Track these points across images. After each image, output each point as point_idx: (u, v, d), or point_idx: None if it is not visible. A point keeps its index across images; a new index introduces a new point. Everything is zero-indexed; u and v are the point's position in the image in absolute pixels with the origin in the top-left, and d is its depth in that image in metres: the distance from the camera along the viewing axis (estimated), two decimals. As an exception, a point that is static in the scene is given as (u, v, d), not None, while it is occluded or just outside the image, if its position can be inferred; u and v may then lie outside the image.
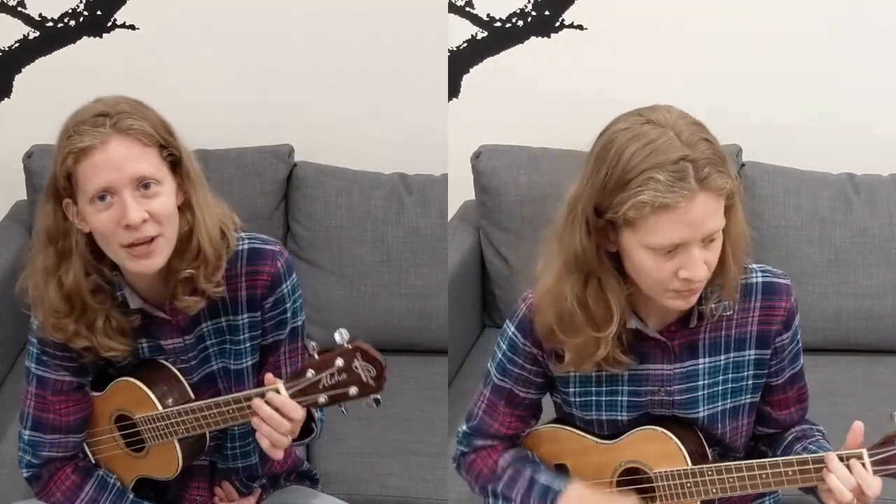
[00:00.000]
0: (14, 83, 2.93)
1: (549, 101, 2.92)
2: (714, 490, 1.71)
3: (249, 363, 1.88)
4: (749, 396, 1.77)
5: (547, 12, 2.90)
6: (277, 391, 1.66)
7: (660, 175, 1.52)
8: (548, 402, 1.92)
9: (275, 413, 1.65)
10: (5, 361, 2.65)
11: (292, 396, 1.64)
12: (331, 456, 2.36)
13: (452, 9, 2.91)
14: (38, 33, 2.89)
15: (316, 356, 1.65)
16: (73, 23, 2.88)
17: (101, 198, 1.67)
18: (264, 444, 1.68)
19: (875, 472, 1.58)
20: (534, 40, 2.93)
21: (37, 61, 2.92)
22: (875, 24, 2.82)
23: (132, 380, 1.84)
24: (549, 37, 2.92)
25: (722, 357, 1.74)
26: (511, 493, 1.81)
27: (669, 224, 1.53)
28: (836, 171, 2.80)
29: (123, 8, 2.87)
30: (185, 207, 1.75)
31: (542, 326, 1.72)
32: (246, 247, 1.82)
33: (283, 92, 2.92)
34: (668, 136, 1.54)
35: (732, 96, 2.87)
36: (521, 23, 2.93)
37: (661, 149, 1.53)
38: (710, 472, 1.71)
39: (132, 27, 2.88)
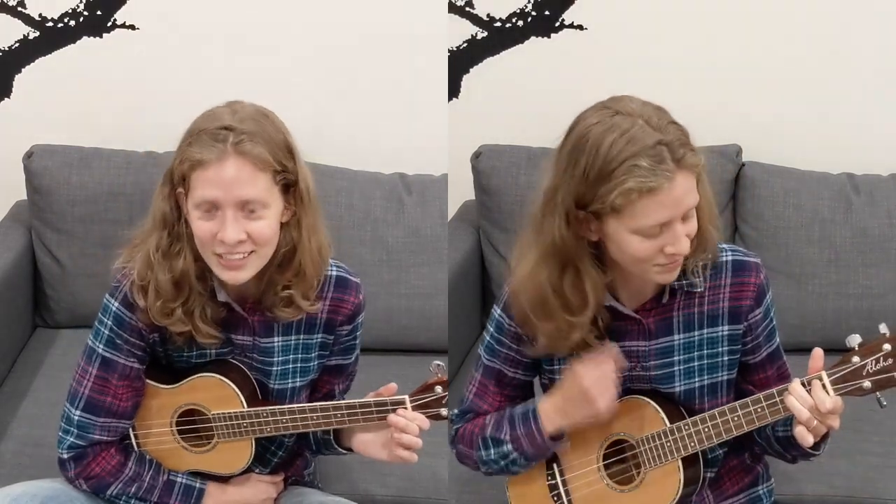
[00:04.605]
0: (14, 83, 2.93)
1: (549, 101, 2.90)
2: (692, 444, 1.78)
3: (312, 378, 1.98)
4: (726, 373, 1.83)
5: (547, 12, 2.90)
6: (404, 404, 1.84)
7: (641, 161, 1.60)
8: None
9: (411, 423, 1.82)
10: (5, 361, 2.65)
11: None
12: (331, 456, 2.36)
13: (452, 9, 2.91)
14: (38, 33, 2.89)
15: (440, 376, 1.84)
16: (73, 23, 2.88)
17: (206, 208, 1.73)
18: (404, 454, 1.83)
19: (837, 392, 1.65)
20: (534, 40, 2.93)
21: (37, 61, 2.92)
22: (875, 23, 2.81)
23: (219, 377, 1.89)
24: (549, 37, 2.92)
25: (696, 333, 1.80)
26: (500, 435, 1.87)
27: (656, 206, 1.62)
28: (836, 171, 2.80)
29: (123, 8, 2.87)
30: (292, 225, 1.81)
31: (518, 312, 1.81)
32: (335, 273, 1.93)
33: (283, 92, 2.91)
34: (639, 123, 1.62)
35: (732, 96, 2.87)
36: (521, 23, 2.93)
37: (637, 137, 1.61)
38: (686, 427, 1.78)
39: (132, 27, 2.88)
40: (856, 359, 1.65)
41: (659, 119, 1.63)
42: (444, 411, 1.84)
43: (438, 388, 1.84)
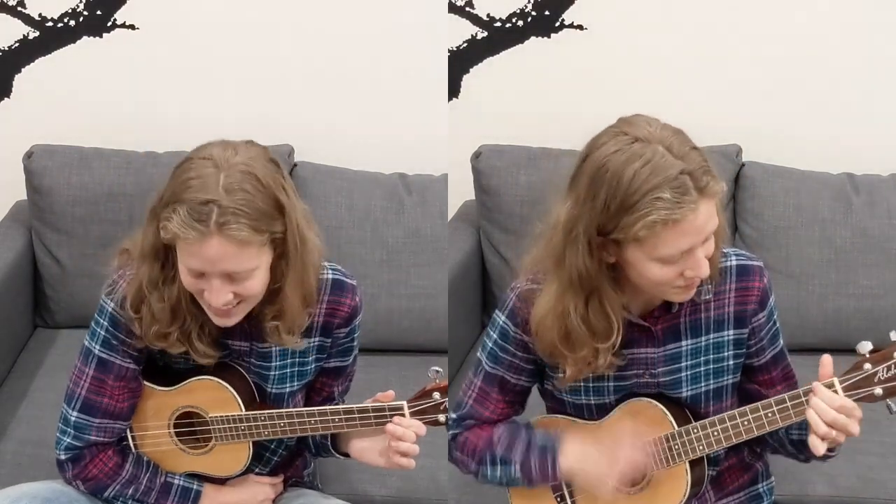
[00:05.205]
0: (14, 83, 2.93)
1: (549, 101, 2.92)
2: (700, 447, 1.78)
3: (309, 381, 1.97)
4: (731, 377, 1.84)
5: (547, 12, 2.90)
6: (402, 410, 1.83)
7: (665, 193, 1.58)
8: (535, 399, 1.96)
9: (408, 430, 1.81)
10: (5, 361, 2.65)
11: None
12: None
13: (452, 9, 2.91)
14: (38, 33, 2.89)
15: (438, 382, 1.82)
16: (73, 23, 2.88)
17: (192, 274, 1.72)
18: (401, 461, 1.82)
19: (849, 399, 1.66)
20: (534, 40, 2.93)
21: (37, 61, 2.92)
22: (875, 23, 2.81)
23: (217, 380, 1.89)
24: (549, 37, 2.92)
25: (702, 339, 1.81)
26: (511, 456, 1.87)
27: (679, 236, 1.61)
28: (836, 171, 2.80)
29: (123, 8, 2.87)
30: (280, 265, 1.77)
31: (544, 345, 1.78)
32: (330, 277, 1.91)
33: (283, 92, 2.92)
34: (660, 151, 1.59)
35: (732, 96, 2.87)
36: (521, 23, 2.92)
37: (659, 166, 1.59)
38: (695, 430, 1.78)
39: (132, 27, 2.88)
40: (867, 366, 1.65)
41: (680, 145, 1.61)
42: (441, 417, 1.83)
43: (436, 395, 1.83)
